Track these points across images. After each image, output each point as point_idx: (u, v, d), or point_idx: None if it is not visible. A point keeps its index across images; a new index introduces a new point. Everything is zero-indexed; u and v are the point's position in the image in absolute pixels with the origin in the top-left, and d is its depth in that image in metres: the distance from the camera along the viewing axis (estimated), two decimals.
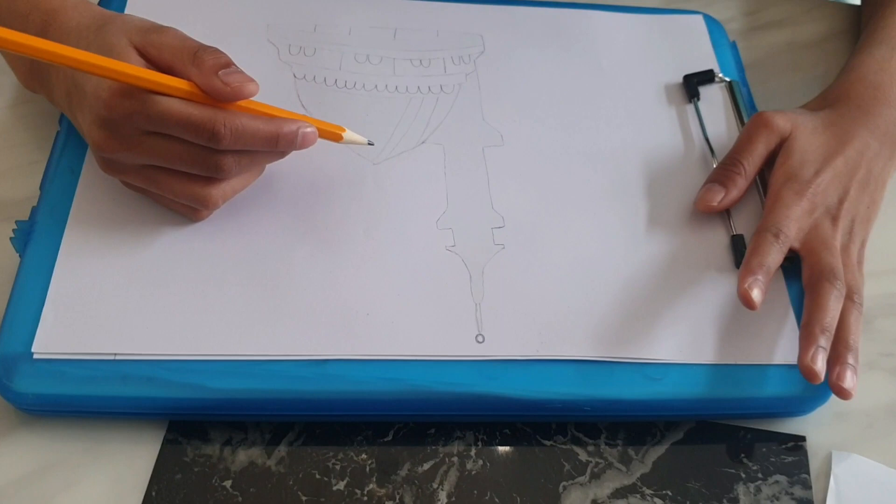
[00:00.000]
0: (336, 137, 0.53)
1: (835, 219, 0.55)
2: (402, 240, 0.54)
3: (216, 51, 0.48)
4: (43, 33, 0.51)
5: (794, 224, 0.54)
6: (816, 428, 0.53)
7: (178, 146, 0.48)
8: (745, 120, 0.62)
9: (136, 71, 0.46)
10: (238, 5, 0.64)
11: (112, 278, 0.50)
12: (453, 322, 0.51)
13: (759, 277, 0.51)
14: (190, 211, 0.52)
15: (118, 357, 0.48)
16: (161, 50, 0.48)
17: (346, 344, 0.49)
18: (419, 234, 0.54)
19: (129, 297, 0.50)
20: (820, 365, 0.49)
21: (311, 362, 0.49)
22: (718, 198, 0.56)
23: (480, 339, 0.51)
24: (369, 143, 0.54)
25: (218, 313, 0.49)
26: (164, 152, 0.48)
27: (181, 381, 0.47)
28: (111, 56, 0.46)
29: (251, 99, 0.48)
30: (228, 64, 0.48)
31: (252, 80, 0.48)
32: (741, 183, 0.56)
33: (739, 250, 0.55)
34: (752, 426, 0.52)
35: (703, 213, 0.57)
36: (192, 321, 0.49)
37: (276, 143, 0.49)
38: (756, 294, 0.51)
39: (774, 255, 0.52)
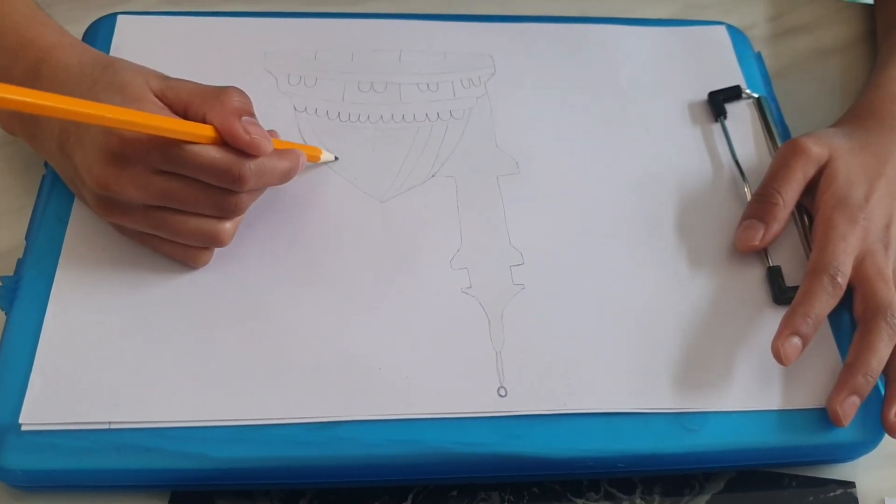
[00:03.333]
0: (315, 159, 0.53)
1: (886, 245, 0.51)
2: (415, 284, 0.50)
3: (243, 93, 0.47)
4: (35, 71, 0.48)
5: (850, 258, 0.50)
6: (867, 472, 0.49)
7: (193, 187, 0.45)
8: (776, 138, 0.58)
9: (160, 121, 0.43)
10: (233, 32, 0.60)
11: (104, 339, 0.47)
12: (473, 374, 0.47)
13: (803, 330, 0.48)
14: (194, 254, 0.49)
15: (113, 426, 0.44)
16: (179, 91, 0.46)
17: (357, 404, 0.46)
18: (433, 277, 0.51)
19: (123, 359, 0.46)
20: (849, 413, 0.47)
21: (321, 425, 0.45)
22: (759, 235, 0.52)
23: (503, 392, 0.47)
24: (335, 159, 0.54)
25: (218, 375, 0.46)
26: (177, 193, 0.45)
27: (181, 451, 0.44)
28: (124, 94, 0.45)
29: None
30: (252, 112, 0.46)
31: (270, 139, 0.46)
32: (781, 216, 0.52)
33: (777, 284, 0.52)
34: (796, 472, 0.49)
35: (744, 252, 0.53)
36: (191, 384, 0.46)
37: (288, 177, 0.49)
38: (790, 352, 0.47)
39: (826, 302, 0.49)
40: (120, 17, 0.60)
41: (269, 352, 0.47)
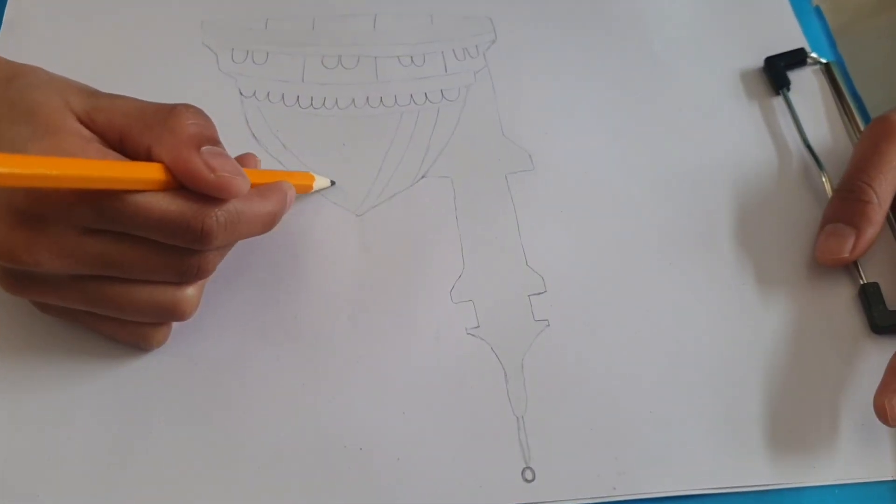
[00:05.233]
0: (306, 189, 0.41)
1: None
2: (404, 326, 0.38)
3: (200, 112, 0.33)
4: None
5: None
6: None
7: (140, 249, 0.33)
8: (855, 114, 0.46)
9: (83, 168, 0.29)
10: None
11: None
12: (487, 451, 0.35)
13: None
14: (145, 333, 0.36)
15: None
16: (112, 113, 0.33)
17: (330, 499, 0.34)
18: (427, 315, 0.39)
19: (11, 448, 0.34)
20: None
21: None
22: (849, 244, 0.40)
23: (529, 475, 0.35)
24: (332, 183, 0.42)
25: (140, 467, 0.34)
26: (118, 259, 0.33)
27: None
28: (34, 123, 0.32)
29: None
30: (214, 137, 0.33)
31: (244, 175, 0.33)
32: (876, 217, 0.40)
33: (875, 308, 0.40)
34: None
35: (829, 266, 0.41)
36: (101, 482, 0.34)
37: (272, 223, 0.36)
38: None
39: None
40: None
41: (211, 433, 0.35)
